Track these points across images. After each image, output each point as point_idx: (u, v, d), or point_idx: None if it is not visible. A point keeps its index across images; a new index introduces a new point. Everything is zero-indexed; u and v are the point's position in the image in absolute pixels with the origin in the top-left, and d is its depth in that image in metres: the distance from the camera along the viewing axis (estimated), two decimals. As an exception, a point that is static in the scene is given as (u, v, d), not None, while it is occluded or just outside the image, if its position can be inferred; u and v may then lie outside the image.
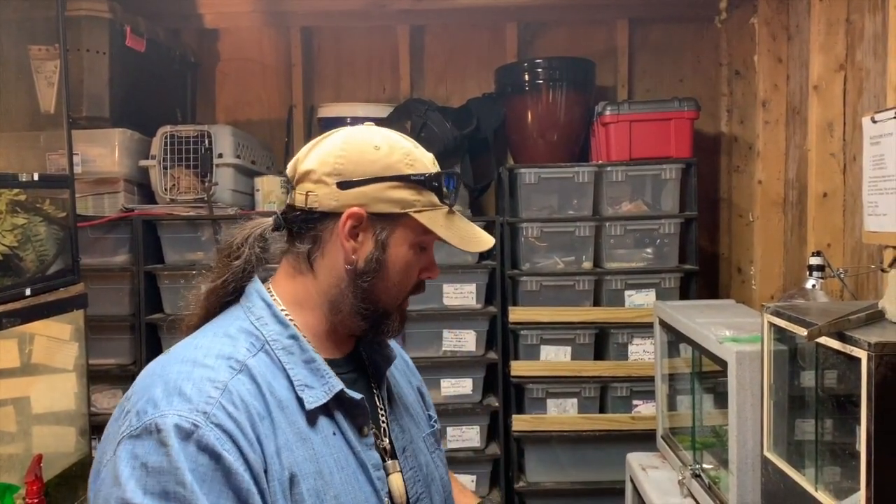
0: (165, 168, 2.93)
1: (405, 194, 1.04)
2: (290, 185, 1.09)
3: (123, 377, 2.95)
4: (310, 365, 1.03)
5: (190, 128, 2.99)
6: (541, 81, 3.02)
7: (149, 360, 3.08)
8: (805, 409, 1.53)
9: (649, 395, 2.79)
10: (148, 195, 3.04)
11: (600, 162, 2.94)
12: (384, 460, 1.07)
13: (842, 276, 1.93)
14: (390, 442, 1.10)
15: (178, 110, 3.33)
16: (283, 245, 1.10)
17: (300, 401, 0.99)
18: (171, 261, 2.96)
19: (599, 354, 2.96)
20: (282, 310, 1.05)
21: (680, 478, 2.08)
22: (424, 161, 1.08)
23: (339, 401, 1.03)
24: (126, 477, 0.86)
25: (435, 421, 1.25)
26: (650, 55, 3.40)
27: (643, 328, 2.85)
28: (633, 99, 3.27)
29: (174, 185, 2.93)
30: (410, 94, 3.37)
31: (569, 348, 2.90)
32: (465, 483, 1.34)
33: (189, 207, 2.92)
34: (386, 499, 1.04)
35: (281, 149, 3.45)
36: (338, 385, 1.03)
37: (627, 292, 2.93)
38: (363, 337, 1.12)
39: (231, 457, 0.89)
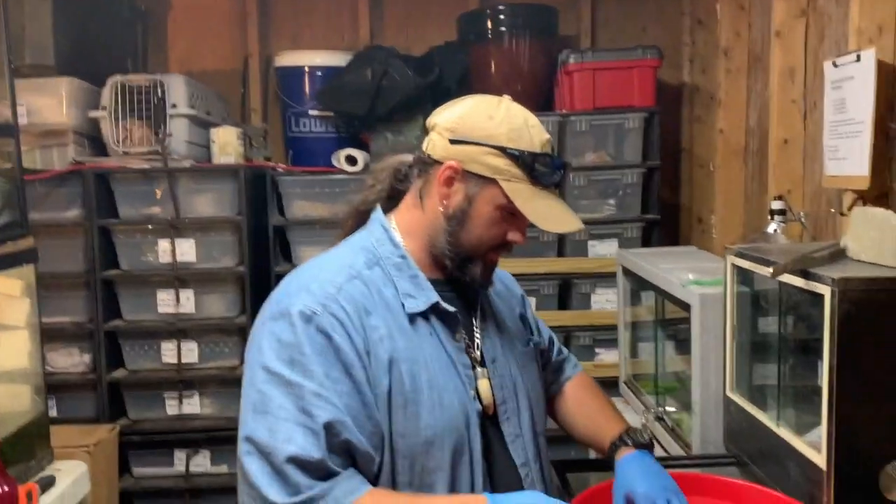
0: (117, 119, 2.83)
1: (499, 163, 1.16)
2: (426, 132, 1.25)
3: (80, 335, 2.88)
4: (414, 280, 1.20)
5: (141, 77, 2.88)
6: (504, 29, 2.98)
7: (106, 318, 3.02)
8: (767, 350, 1.55)
9: (612, 343, 2.83)
10: (99, 148, 2.94)
11: (564, 111, 2.92)
12: (474, 367, 1.22)
13: (802, 219, 1.95)
14: (481, 354, 1.24)
15: (129, 60, 3.21)
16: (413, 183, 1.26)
17: (403, 306, 1.18)
18: (126, 215, 2.87)
19: (563, 304, 2.98)
20: (396, 236, 1.23)
21: (643, 421, 2.11)
22: (533, 140, 1.18)
23: (436, 311, 1.20)
24: (266, 348, 1.11)
25: (535, 342, 1.39)
26: (613, 4, 3.36)
27: (606, 278, 2.88)
28: (596, 48, 3.24)
29: (126, 136, 2.84)
30: (371, 42, 3.29)
31: (533, 299, 2.91)
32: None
33: (143, 160, 2.83)
34: (472, 392, 1.19)
35: (237, 100, 3.36)
36: (434, 297, 1.20)
37: (591, 242, 2.95)
38: (453, 274, 1.24)
39: (340, 338, 1.10)
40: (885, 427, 1.19)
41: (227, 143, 2.92)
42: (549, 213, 1.18)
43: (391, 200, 1.29)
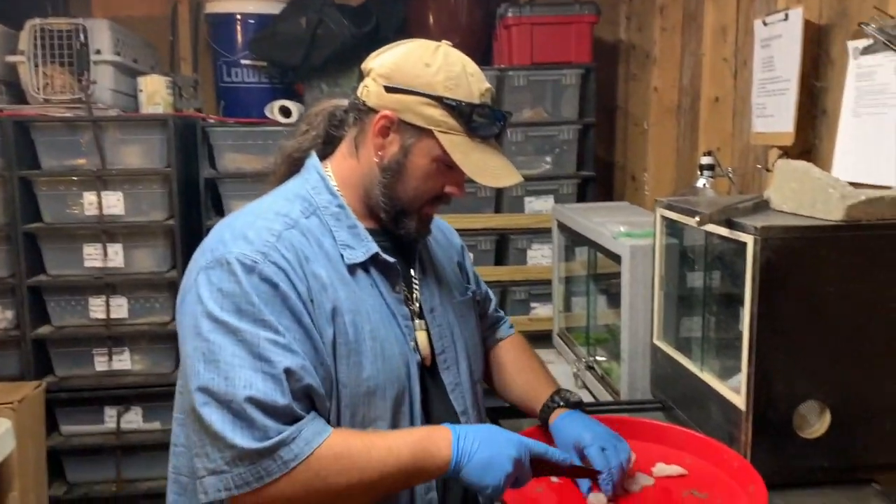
0: (36, 65, 2.69)
1: (435, 113, 1.13)
2: (362, 76, 1.21)
3: (2, 291, 2.77)
4: (352, 230, 1.18)
5: (62, 21, 2.74)
6: (442, -20, 2.94)
7: (29, 273, 2.90)
8: (693, 299, 1.60)
9: (546, 297, 2.88)
10: (18, 95, 2.79)
11: (502, 66, 2.91)
12: (412, 318, 1.22)
13: (730, 174, 2.00)
14: (419, 305, 1.24)
15: (49, 2, 3.04)
16: (348, 129, 1.23)
17: (342, 257, 1.16)
18: (49, 166, 2.76)
19: (500, 260, 3.01)
20: (333, 184, 1.20)
21: (574, 371, 2.16)
22: (471, 89, 1.15)
23: (375, 261, 1.18)
24: (206, 297, 1.06)
25: (472, 292, 1.39)
26: (552, -42, 3.34)
27: (542, 233, 2.91)
28: (534, 2, 3.23)
29: (47, 83, 2.71)
30: (305, -10, 3.20)
31: (471, 255, 2.91)
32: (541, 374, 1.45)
33: (65, 108, 2.71)
34: (412, 343, 1.19)
35: (166, 48, 3.23)
36: (374, 248, 1.18)
37: (527, 199, 2.98)
38: (389, 227, 1.22)
39: (285, 286, 1.07)
40: (799, 369, 1.25)
41: (155, 93, 2.82)
42: (486, 167, 1.16)
43: (326, 146, 1.25)
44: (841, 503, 1.29)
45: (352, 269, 1.16)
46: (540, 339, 2.74)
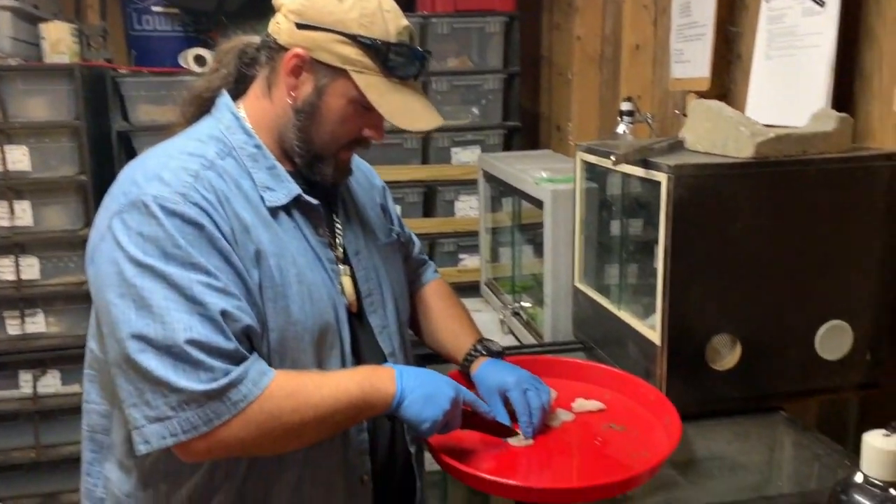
0: (-75, 10, 2.50)
1: (349, 52, 1.09)
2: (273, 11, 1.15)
3: None
4: (272, 171, 1.13)
5: (-49, -38, 2.54)
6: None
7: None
8: (612, 243, 1.63)
9: (474, 248, 2.89)
10: None
11: (425, 13, 2.86)
12: (338, 263, 1.18)
13: (649, 120, 2.03)
14: (343, 249, 1.21)
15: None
16: (260, 68, 1.17)
17: (263, 200, 1.11)
18: (-56, 120, 2.58)
19: (428, 212, 3.00)
20: (247, 125, 1.14)
21: (501, 317, 2.19)
22: (387, 27, 1.10)
23: (297, 204, 1.14)
24: (126, 242, 0.99)
25: (397, 234, 1.37)
26: None
27: (469, 185, 2.91)
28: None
29: (-62, 30, 2.52)
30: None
31: (399, 207, 2.90)
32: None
33: (-41, 56, 2.53)
34: (339, 286, 1.17)
35: (70, -6, 3.05)
36: (296, 189, 1.14)
37: (454, 150, 2.96)
38: (304, 173, 1.17)
39: (210, 227, 1.02)
40: (711, 304, 1.29)
41: (59, 41, 2.66)
42: (404, 109, 1.11)
43: (238, 86, 1.19)
44: (751, 431, 1.35)
45: (273, 211, 1.11)
46: (469, 289, 2.76)
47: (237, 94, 1.19)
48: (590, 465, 1.20)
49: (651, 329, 1.35)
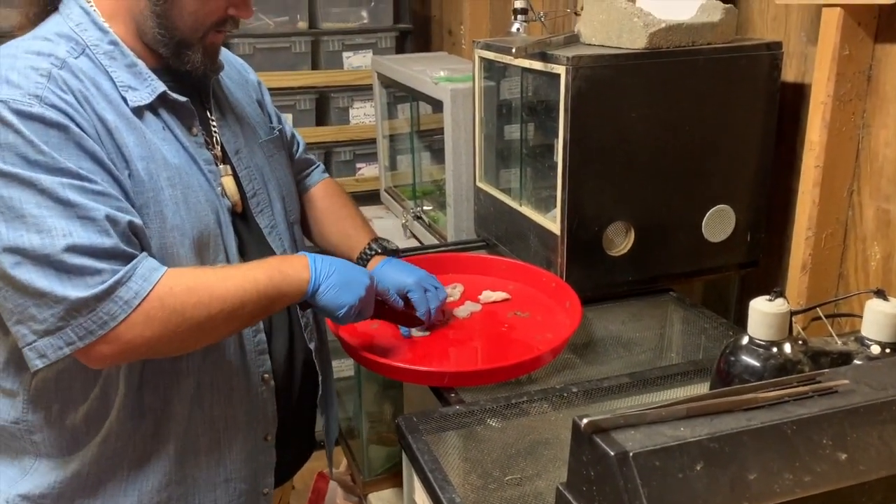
0: None
1: None
2: None
3: None
4: (132, 69, 1.05)
5: None
6: None
7: None
8: (511, 142, 1.65)
9: (372, 157, 2.86)
10: None
11: None
12: (216, 164, 1.12)
13: (542, 19, 2.03)
14: (222, 148, 1.15)
15: None
16: None
17: (125, 101, 1.03)
18: None
19: (321, 121, 2.93)
20: (101, 20, 1.05)
21: (403, 222, 2.20)
22: None
23: (164, 103, 1.07)
24: None
25: (278, 131, 1.31)
26: None
27: (363, 91, 2.85)
28: None
29: None
30: None
31: (290, 115, 2.82)
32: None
33: None
34: (219, 188, 1.11)
35: None
36: (161, 87, 1.06)
37: (345, 54, 2.88)
38: (172, 64, 1.09)
39: (74, 128, 0.95)
40: (607, 194, 1.34)
41: None
42: None
43: None
44: (644, 310, 1.44)
45: (137, 112, 1.03)
46: (368, 198, 2.75)
47: None
48: (498, 349, 1.25)
49: (551, 221, 1.40)
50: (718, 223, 1.42)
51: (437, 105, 1.87)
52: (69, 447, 1.08)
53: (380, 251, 1.34)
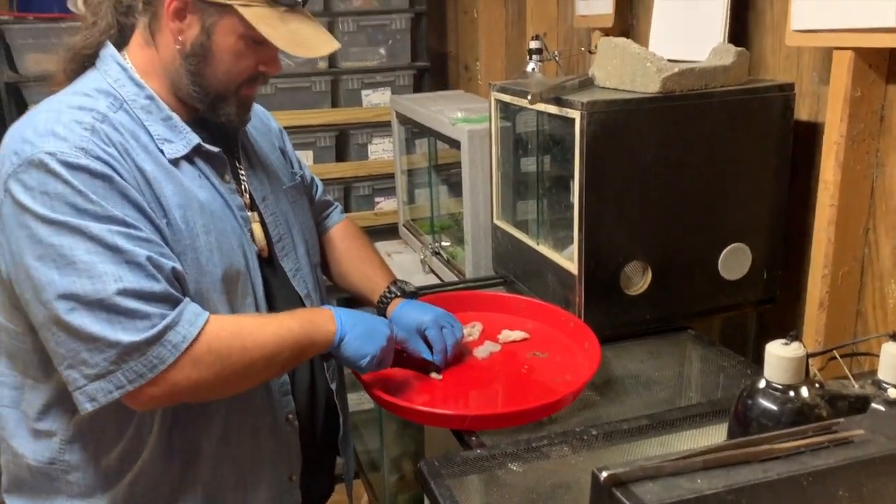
0: None
1: None
2: None
3: None
4: (167, 122, 1.10)
5: None
6: None
7: None
8: (528, 180, 1.68)
9: (390, 191, 2.90)
10: None
11: (327, -48, 2.78)
12: (246, 209, 1.18)
13: (557, 57, 2.07)
14: (250, 196, 1.21)
15: None
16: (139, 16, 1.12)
17: (162, 153, 1.08)
18: None
19: (341, 156, 2.98)
20: (136, 76, 1.10)
21: (421, 257, 2.23)
22: None
23: (198, 152, 1.12)
24: (30, 203, 0.96)
25: (300, 176, 1.37)
26: None
27: (381, 127, 2.90)
28: None
29: None
30: None
31: (310, 152, 2.87)
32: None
33: None
34: (249, 233, 1.16)
35: (-64, -67, 2.80)
36: (195, 139, 1.12)
37: (364, 92, 2.93)
38: (208, 116, 1.15)
39: (118, 179, 0.99)
40: (623, 234, 1.36)
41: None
42: (297, 38, 1.09)
43: (121, 36, 1.13)
44: (663, 349, 1.45)
45: (174, 162, 1.09)
46: (386, 232, 2.79)
47: (120, 44, 1.13)
48: (518, 391, 1.27)
49: (568, 260, 1.42)
50: (735, 261, 1.43)
51: (455, 144, 1.91)
52: (103, 486, 1.11)
53: (399, 294, 1.37)
